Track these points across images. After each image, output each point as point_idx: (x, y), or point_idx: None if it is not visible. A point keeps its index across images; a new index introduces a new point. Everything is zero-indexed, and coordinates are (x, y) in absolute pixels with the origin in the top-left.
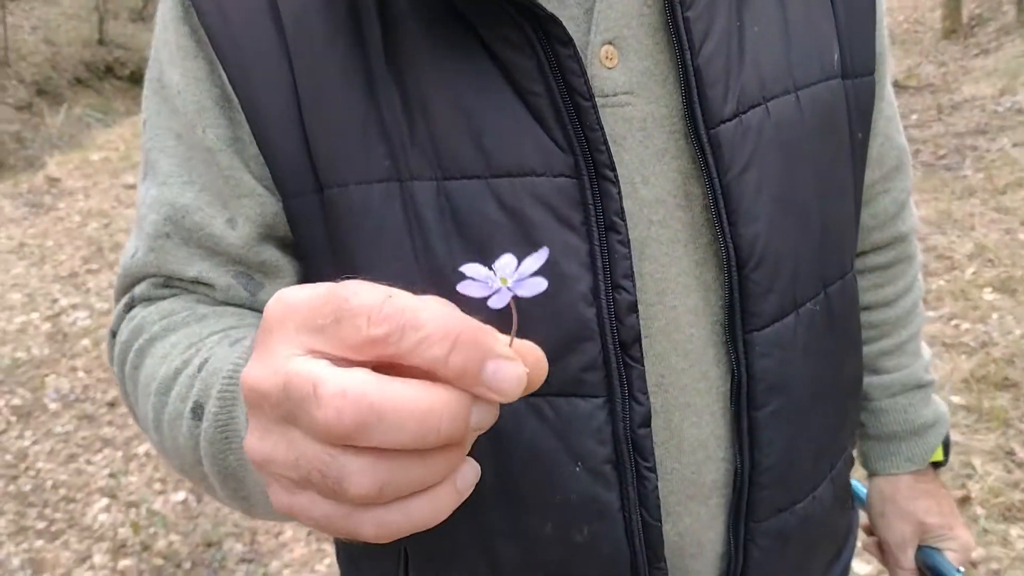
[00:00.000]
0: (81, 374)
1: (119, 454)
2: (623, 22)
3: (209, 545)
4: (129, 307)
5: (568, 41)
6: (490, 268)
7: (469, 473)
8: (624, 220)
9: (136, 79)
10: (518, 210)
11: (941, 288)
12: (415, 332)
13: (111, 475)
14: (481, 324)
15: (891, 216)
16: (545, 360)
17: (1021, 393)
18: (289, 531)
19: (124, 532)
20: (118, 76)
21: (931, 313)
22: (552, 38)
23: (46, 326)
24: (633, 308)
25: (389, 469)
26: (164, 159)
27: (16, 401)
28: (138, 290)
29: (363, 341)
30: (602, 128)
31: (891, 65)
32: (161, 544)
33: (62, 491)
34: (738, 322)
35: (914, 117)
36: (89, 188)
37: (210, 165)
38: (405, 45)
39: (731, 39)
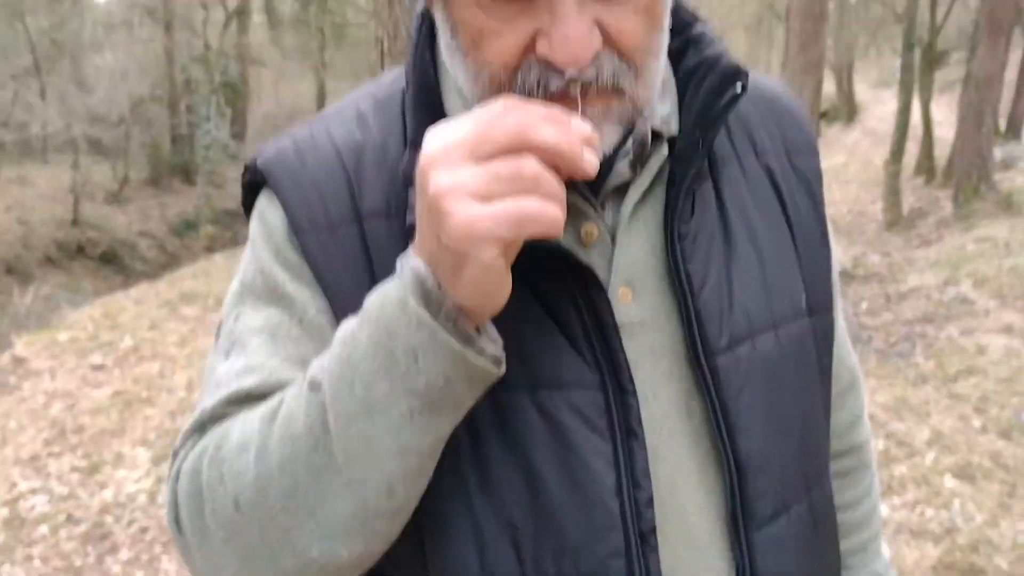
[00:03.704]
0: (37, 563)
1: None
2: (636, 268)
3: None
4: (201, 438)
5: (599, 285)
6: None
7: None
8: (642, 427)
9: (107, 259)
10: (555, 416)
11: (904, 475)
12: (530, 106)
13: None
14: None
15: (847, 428)
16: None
17: None
18: None
19: None
20: (89, 256)
21: (896, 500)
22: (586, 283)
23: (3, 511)
24: (650, 503)
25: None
26: (254, 338)
27: None
28: (211, 426)
29: (504, 108)
30: (624, 352)
31: (838, 255)
32: None
33: None
34: (740, 521)
35: (864, 305)
36: (55, 368)
37: (303, 341)
38: None
39: (722, 286)
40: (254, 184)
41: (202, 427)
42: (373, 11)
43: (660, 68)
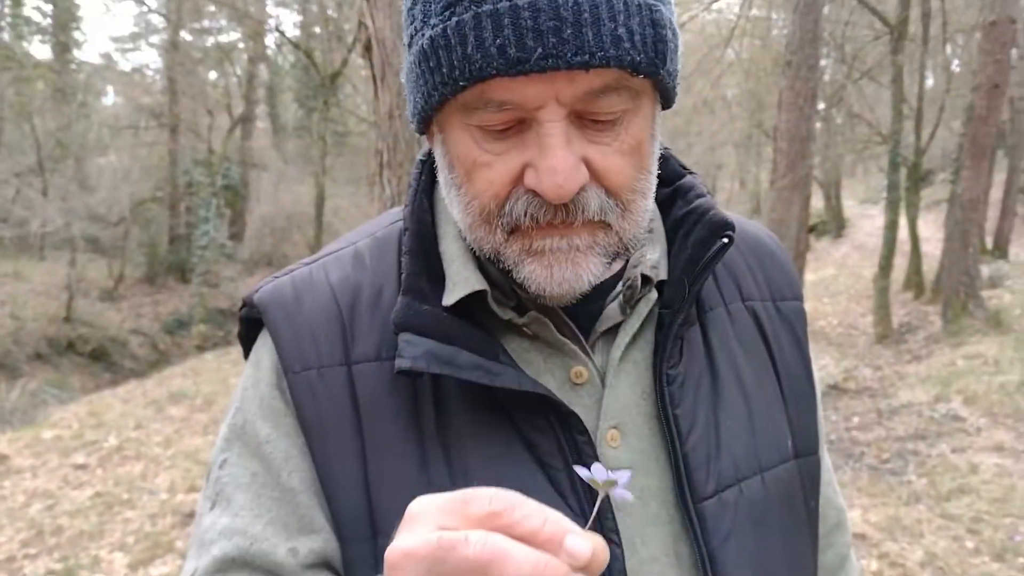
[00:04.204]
0: None
1: None
2: (624, 412)
3: None
4: None
5: (584, 431)
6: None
7: None
8: None
9: (97, 356)
10: None
11: None
12: (521, 509)
13: None
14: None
15: (835, 568)
16: (606, 548)
17: None
18: None
19: None
20: (79, 352)
21: None
22: (571, 427)
23: None
24: None
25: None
26: (239, 494)
27: None
28: None
29: (485, 514)
30: (608, 498)
31: (829, 370)
32: None
33: None
34: None
35: (856, 419)
36: (37, 467)
37: (284, 504)
38: (453, 423)
39: (710, 432)
40: (250, 319)
41: None
42: (374, 123)
43: (647, 208)
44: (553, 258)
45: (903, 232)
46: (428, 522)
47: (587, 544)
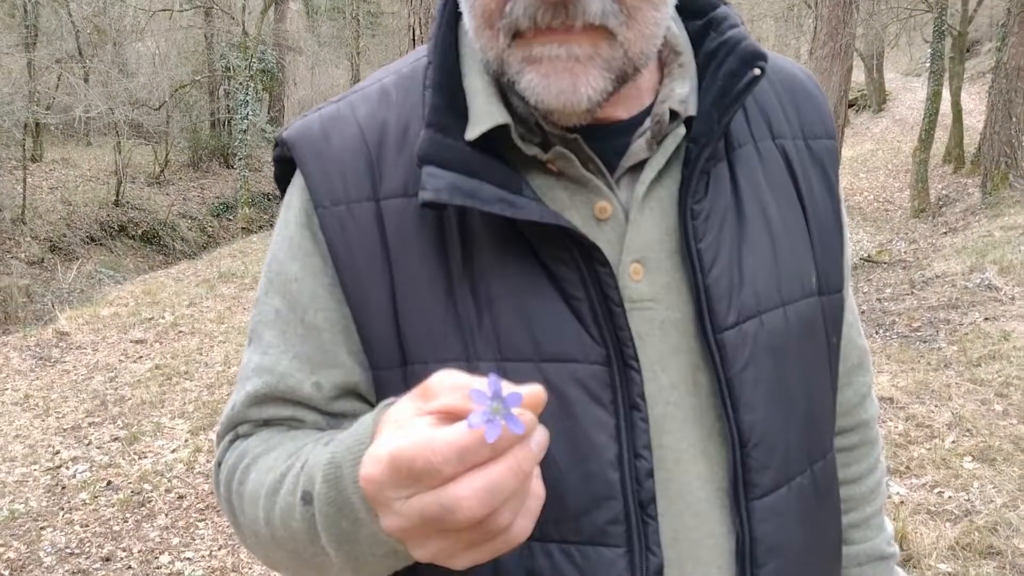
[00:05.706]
0: (78, 528)
1: None
2: (648, 246)
3: None
4: (233, 441)
5: (605, 262)
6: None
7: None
8: (645, 401)
9: (148, 239)
10: (560, 388)
11: (923, 456)
12: (452, 457)
13: None
14: None
15: (854, 405)
16: (542, 390)
17: (1006, 561)
18: None
19: None
20: (130, 235)
21: (914, 480)
22: (593, 259)
23: (45, 478)
24: (650, 474)
25: (484, 475)
26: (267, 331)
27: (10, 554)
28: (241, 429)
29: (436, 479)
30: (629, 328)
31: (863, 243)
32: None
33: None
34: (741, 491)
35: (888, 291)
36: (97, 342)
37: (308, 340)
38: (478, 257)
39: (733, 265)
40: (284, 159)
41: (234, 425)
42: None
43: (658, 21)
44: (551, 66)
45: (945, 105)
46: (400, 426)
47: (528, 414)
